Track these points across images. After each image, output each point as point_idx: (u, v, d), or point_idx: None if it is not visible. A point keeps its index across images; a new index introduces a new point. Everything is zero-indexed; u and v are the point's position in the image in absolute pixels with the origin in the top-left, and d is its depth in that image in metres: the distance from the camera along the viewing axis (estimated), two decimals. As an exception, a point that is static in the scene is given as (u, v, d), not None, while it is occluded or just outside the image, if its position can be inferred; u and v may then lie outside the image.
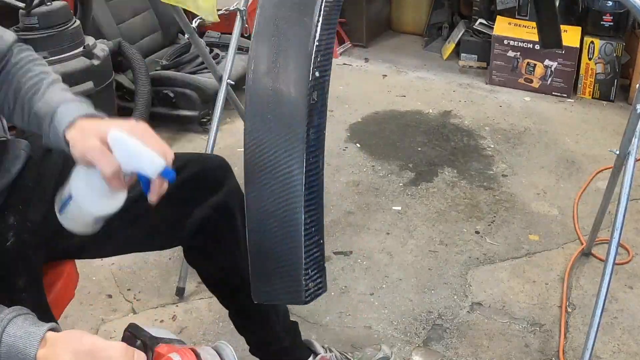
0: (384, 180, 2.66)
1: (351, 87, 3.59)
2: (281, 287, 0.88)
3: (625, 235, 2.23)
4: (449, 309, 1.97)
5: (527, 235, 2.31)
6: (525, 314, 1.95)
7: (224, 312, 1.95)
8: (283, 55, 0.90)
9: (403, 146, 2.93)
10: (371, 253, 2.22)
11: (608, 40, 3.28)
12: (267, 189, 0.89)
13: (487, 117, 3.20)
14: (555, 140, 2.97)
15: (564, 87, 3.41)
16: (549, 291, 2.04)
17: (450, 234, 2.31)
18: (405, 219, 2.40)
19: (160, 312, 1.95)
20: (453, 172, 2.71)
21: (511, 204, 2.49)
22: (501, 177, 2.67)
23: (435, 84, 3.63)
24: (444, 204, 2.49)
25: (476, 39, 3.77)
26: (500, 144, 2.94)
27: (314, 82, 0.87)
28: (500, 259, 2.19)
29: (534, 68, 3.44)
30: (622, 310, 1.95)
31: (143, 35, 3.30)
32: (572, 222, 2.37)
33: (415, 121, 3.17)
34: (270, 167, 0.89)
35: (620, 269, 2.12)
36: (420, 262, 2.17)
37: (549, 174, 2.70)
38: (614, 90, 3.36)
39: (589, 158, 2.82)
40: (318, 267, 0.87)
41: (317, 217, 0.86)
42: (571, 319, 1.93)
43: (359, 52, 4.14)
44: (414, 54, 4.07)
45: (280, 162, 0.88)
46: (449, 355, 1.80)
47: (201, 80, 3.04)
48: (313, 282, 0.86)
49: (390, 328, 1.89)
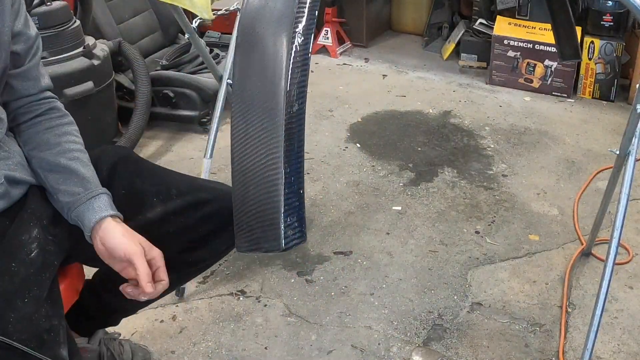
0: (384, 180, 2.66)
1: (351, 87, 3.59)
2: (261, 236, 0.92)
3: (625, 235, 2.23)
4: (449, 309, 1.97)
5: (527, 235, 2.31)
6: (525, 314, 1.95)
7: (224, 312, 1.96)
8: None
9: (403, 146, 2.93)
10: (371, 253, 2.22)
11: (608, 40, 3.28)
12: (250, 139, 0.93)
13: (487, 117, 3.21)
14: (555, 140, 2.98)
15: (564, 87, 3.41)
16: (549, 291, 2.04)
17: (450, 234, 2.31)
18: (405, 219, 2.40)
19: (160, 312, 1.95)
20: (453, 172, 2.71)
21: (511, 204, 2.49)
22: (501, 177, 2.67)
23: (435, 84, 3.63)
24: (444, 204, 2.49)
25: (476, 39, 3.77)
26: (500, 144, 2.94)
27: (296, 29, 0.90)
28: (500, 259, 2.19)
29: (534, 68, 3.44)
30: (622, 310, 1.95)
31: (143, 35, 3.30)
32: (572, 222, 2.37)
33: (415, 121, 3.18)
34: (253, 118, 0.93)
35: (620, 269, 2.12)
36: (420, 262, 2.17)
37: (549, 174, 2.70)
38: (614, 90, 3.36)
39: (589, 158, 2.82)
40: (297, 215, 0.89)
41: (297, 167, 0.89)
42: (571, 319, 1.93)
43: (359, 52, 4.14)
44: (414, 54, 4.07)
45: (262, 112, 0.91)
46: (449, 355, 1.80)
47: (201, 80, 3.04)
48: (292, 230, 0.89)
49: (390, 328, 1.89)
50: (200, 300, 2.01)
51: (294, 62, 0.89)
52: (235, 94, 0.96)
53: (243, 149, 0.93)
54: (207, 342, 1.84)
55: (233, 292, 2.04)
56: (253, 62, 0.93)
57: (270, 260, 2.17)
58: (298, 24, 0.90)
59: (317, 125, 3.13)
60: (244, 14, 0.98)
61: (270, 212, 0.90)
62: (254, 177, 0.92)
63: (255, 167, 0.92)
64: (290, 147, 0.89)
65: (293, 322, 1.92)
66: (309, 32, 0.91)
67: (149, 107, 2.85)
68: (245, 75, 0.95)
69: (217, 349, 1.82)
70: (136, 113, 2.79)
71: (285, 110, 0.88)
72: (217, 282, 2.08)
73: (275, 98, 0.89)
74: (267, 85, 0.90)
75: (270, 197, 0.90)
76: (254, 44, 0.94)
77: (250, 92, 0.93)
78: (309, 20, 0.91)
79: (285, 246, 0.89)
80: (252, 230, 0.93)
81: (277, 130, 0.89)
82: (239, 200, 0.94)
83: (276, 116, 0.89)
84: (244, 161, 0.93)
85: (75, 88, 2.52)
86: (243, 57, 0.96)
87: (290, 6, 0.92)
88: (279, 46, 0.90)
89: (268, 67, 0.91)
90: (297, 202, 0.90)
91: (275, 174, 0.89)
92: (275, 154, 0.89)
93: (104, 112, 2.73)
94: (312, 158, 2.82)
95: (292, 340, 1.85)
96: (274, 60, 0.90)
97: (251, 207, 0.92)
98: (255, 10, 0.97)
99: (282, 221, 0.88)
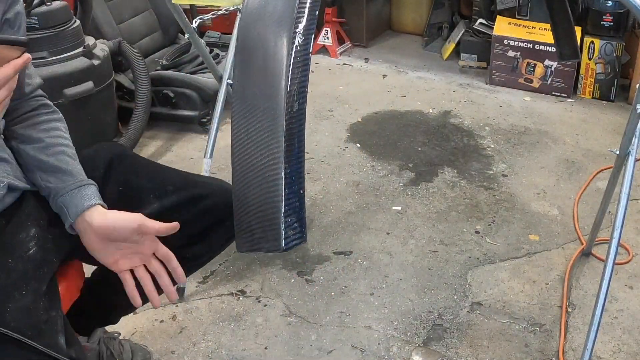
0: (384, 180, 2.66)
1: (351, 87, 3.59)
2: (262, 236, 0.92)
3: (625, 235, 2.23)
4: (449, 309, 1.97)
5: (527, 235, 2.31)
6: (525, 314, 1.95)
7: (224, 312, 1.96)
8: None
9: (403, 146, 2.93)
10: (371, 253, 2.22)
11: (608, 40, 3.28)
12: (250, 139, 0.93)
13: (487, 117, 3.21)
14: (555, 140, 2.98)
15: (564, 87, 3.41)
16: (549, 291, 2.04)
17: (450, 234, 2.31)
18: (405, 219, 2.40)
19: (160, 312, 1.95)
20: (453, 172, 2.71)
21: (511, 204, 2.49)
22: (501, 177, 2.67)
23: (435, 84, 3.63)
24: (444, 204, 2.49)
25: (476, 39, 3.77)
26: (500, 144, 2.94)
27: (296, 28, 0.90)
28: (500, 259, 2.19)
29: (534, 68, 3.44)
30: (622, 310, 1.96)
31: (143, 35, 3.30)
32: (572, 222, 2.37)
33: (415, 121, 3.18)
34: (253, 118, 0.93)
35: (620, 269, 2.12)
36: (420, 262, 2.17)
37: (549, 174, 2.71)
38: (614, 90, 3.36)
39: (589, 158, 2.82)
40: (297, 216, 0.90)
41: (297, 167, 0.90)
42: (571, 319, 1.93)
43: (359, 52, 4.14)
44: (414, 54, 4.07)
45: (262, 112, 0.92)
46: (449, 355, 1.80)
47: (201, 80, 3.04)
48: (292, 230, 0.89)
49: (390, 328, 1.89)
50: (200, 300, 2.01)
51: (294, 62, 0.89)
52: (235, 94, 0.96)
53: (243, 149, 0.93)
54: (207, 342, 1.85)
55: (233, 292, 2.04)
56: (253, 62, 0.94)
57: (270, 260, 2.17)
58: (298, 24, 0.90)
59: (317, 125, 3.13)
60: (244, 14, 0.98)
61: (270, 212, 0.90)
62: (255, 177, 0.92)
63: (255, 167, 0.92)
64: (290, 147, 0.89)
65: (293, 322, 1.92)
66: (310, 32, 0.91)
67: (149, 107, 2.85)
68: (245, 76, 0.95)
69: (217, 349, 1.82)
70: (136, 113, 2.79)
71: (286, 111, 0.88)
72: (217, 282, 2.08)
73: (275, 98, 0.89)
74: (268, 85, 0.90)
75: (270, 197, 0.90)
76: (254, 44, 0.94)
77: (250, 92, 0.93)
78: (310, 20, 0.91)
79: (286, 246, 0.89)
80: (253, 230, 0.93)
81: (278, 130, 0.89)
82: (239, 200, 0.94)
83: (276, 116, 0.89)
84: (244, 161, 0.93)
85: (75, 88, 2.52)
86: (243, 57, 0.96)
87: (291, 6, 0.92)
88: (279, 46, 0.90)
89: (268, 67, 0.91)
90: (298, 202, 0.90)
91: (275, 174, 0.89)
92: (276, 154, 0.89)
93: (104, 112, 2.73)
94: (312, 158, 2.82)
95: (292, 340, 1.85)
96: (275, 60, 0.90)
97: (251, 207, 0.92)
98: (255, 10, 0.97)
99: (282, 221, 0.89)
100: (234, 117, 0.95)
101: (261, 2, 0.96)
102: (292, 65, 0.89)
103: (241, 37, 0.98)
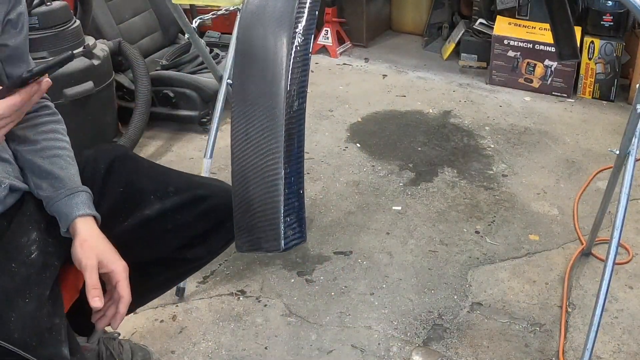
0: (384, 180, 2.66)
1: (351, 87, 3.59)
2: (261, 236, 0.92)
3: (625, 235, 2.23)
4: (449, 309, 1.97)
5: (527, 235, 2.31)
6: (525, 314, 1.95)
7: (224, 312, 1.96)
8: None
9: (403, 146, 2.93)
10: (371, 253, 2.22)
11: (608, 40, 3.28)
12: (250, 139, 0.93)
13: (487, 117, 3.21)
14: (555, 140, 2.98)
15: (564, 87, 3.41)
16: (549, 291, 2.04)
17: (450, 234, 2.31)
18: (405, 219, 2.40)
19: (160, 312, 1.95)
20: (453, 172, 2.71)
21: (511, 204, 2.49)
22: (501, 177, 2.67)
23: (435, 83, 3.63)
24: (444, 204, 2.49)
25: (476, 39, 3.77)
26: (500, 144, 2.94)
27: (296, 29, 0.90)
28: (500, 259, 2.19)
29: (534, 68, 3.44)
30: (622, 310, 1.96)
31: (143, 35, 3.30)
32: (572, 222, 2.37)
33: (415, 121, 3.18)
34: (253, 118, 0.93)
35: (620, 269, 2.12)
36: (420, 262, 2.17)
37: (549, 174, 2.70)
38: (614, 90, 3.36)
39: (589, 158, 2.82)
40: (297, 216, 0.90)
41: (297, 167, 0.90)
42: (571, 319, 1.93)
43: (359, 52, 4.14)
44: (414, 54, 4.07)
45: (262, 112, 0.92)
46: (449, 355, 1.80)
47: (201, 80, 3.04)
48: (292, 230, 0.89)
49: (390, 328, 1.90)
50: (200, 300, 2.01)
51: (294, 62, 0.89)
52: (235, 94, 0.96)
53: (243, 149, 0.93)
54: (207, 342, 1.85)
55: (233, 292, 2.04)
56: (253, 62, 0.94)
57: (270, 260, 2.17)
58: (298, 24, 0.90)
59: (317, 125, 3.13)
60: (244, 14, 0.98)
61: (270, 212, 0.90)
62: (254, 177, 0.92)
63: (255, 167, 0.92)
64: (290, 147, 0.89)
65: (293, 322, 1.92)
66: (309, 32, 0.91)
67: (149, 107, 2.85)
68: (245, 76, 0.95)
69: (217, 349, 1.83)
70: (136, 113, 2.79)
71: (286, 111, 0.88)
72: (217, 282, 2.08)
73: (275, 98, 0.89)
74: (267, 85, 0.90)
75: (270, 197, 0.90)
76: (254, 44, 0.94)
77: (250, 92, 0.93)
78: (309, 20, 0.91)
79: (285, 246, 0.89)
80: (252, 230, 0.93)
81: (278, 130, 0.89)
82: (238, 200, 0.94)
83: (276, 116, 0.89)
84: (244, 161, 0.93)
85: (75, 88, 2.52)
86: (243, 57, 0.96)
87: (291, 6, 0.92)
88: (279, 46, 0.90)
89: (268, 67, 0.91)
90: (297, 202, 0.90)
91: (275, 174, 0.89)
92: (276, 154, 0.89)
93: (104, 112, 2.73)
94: (312, 158, 2.82)
95: (292, 340, 1.85)
96: (274, 60, 0.90)
97: (251, 207, 0.93)
98: (255, 10, 0.97)
99: (282, 221, 0.89)
100: (233, 117, 0.95)
101: (261, 2, 0.96)
102: (291, 65, 0.89)
103: (241, 37, 0.98)
